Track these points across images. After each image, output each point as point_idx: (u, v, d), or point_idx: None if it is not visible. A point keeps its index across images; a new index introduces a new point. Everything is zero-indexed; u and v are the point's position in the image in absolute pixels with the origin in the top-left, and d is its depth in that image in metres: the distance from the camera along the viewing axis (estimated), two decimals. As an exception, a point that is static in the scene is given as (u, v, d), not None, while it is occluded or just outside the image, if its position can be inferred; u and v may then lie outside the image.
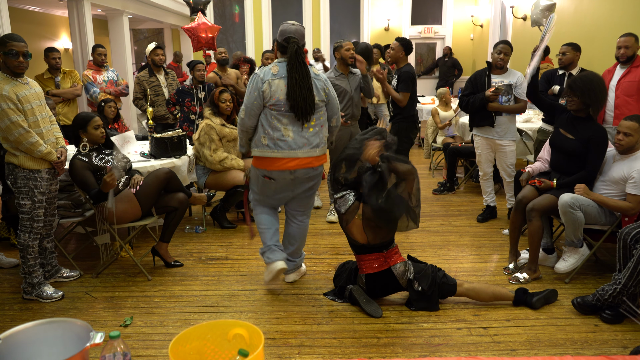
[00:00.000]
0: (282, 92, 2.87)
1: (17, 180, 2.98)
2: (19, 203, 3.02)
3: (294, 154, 2.94)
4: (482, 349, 2.56)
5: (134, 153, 4.24)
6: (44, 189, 3.05)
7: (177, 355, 1.48)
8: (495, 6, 9.62)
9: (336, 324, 2.82)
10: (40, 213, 3.07)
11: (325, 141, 3.08)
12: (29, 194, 3.00)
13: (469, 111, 4.33)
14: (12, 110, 2.84)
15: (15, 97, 2.85)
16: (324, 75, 3.07)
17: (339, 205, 2.93)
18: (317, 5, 11.99)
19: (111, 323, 2.86)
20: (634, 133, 3.05)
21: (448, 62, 10.85)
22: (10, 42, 2.86)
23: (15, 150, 2.94)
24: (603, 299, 2.78)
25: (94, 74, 5.50)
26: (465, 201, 5.21)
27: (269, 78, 2.89)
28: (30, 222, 3.05)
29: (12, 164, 2.98)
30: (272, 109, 2.91)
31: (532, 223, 3.26)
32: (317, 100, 2.95)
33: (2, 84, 2.85)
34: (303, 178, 3.04)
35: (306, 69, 2.88)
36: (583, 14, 6.14)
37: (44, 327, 1.57)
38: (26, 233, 3.05)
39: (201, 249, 3.97)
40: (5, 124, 2.85)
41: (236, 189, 4.31)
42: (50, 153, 2.99)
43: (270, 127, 2.93)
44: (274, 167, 2.96)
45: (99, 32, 9.02)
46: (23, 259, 3.10)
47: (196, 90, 5.25)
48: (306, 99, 2.86)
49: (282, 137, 2.92)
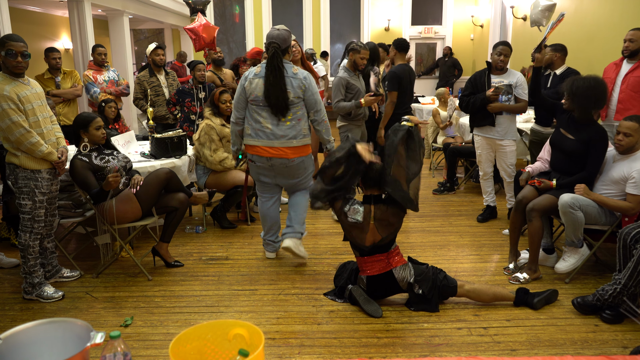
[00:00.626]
0: (260, 89, 3.28)
1: (18, 180, 2.98)
2: (19, 203, 3.02)
3: (270, 144, 3.36)
4: (482, 349, 2.56)
5: (134, 153, 4.24)
6: (45, 189, 3.05)
7: (177, 355, 1.48)
8: (495, 6, 9.62)
9: (336, 324, 2.82)
10: (41, 213, 3.07)
11: (304, 134, 3.39)
12: (30, 194, 3.00)
13: (469, 111, 4.34)
14: (13, 110, 2.84)
15: (16, 97, 2.86)
16: (304, 73, 3.34)
17: (352, 216, 2.91)
18: (317, 5, 11.98)
19: (111, 323, 2.86)
20: (634, 133, 3.05)
21: (448, 62, 10.84)
22: (8, 42, 2.86)
23: (16, 151, 2.94)
24: (603, 299, 2.78)
25: (95, 74, 5.50)
26: (465, 201, 5.21)
27: (250, 77, 3.34)
28: (31, 222, 3.05)
29: (13, 164, 2.98)
30: (252, 104, 3.36)
31: (532, 223, 3.26)
32: (292, 97, 3.29)
33: (3, 84, 2.86)
34: (280, 167, 3.42)
35: (280, 71, 3.23)
36: (583, 14, 6.14)
37: (44, 327, 1.57)
38: (27, 233, 3.06)
39: (201, 249, 3.98)
40: (6, 124, 2.85)
41: (236, 189, 4.31)
42: (51, 153, 3.00)
43: (252, 119, 3.38)
44: (253, 151, 3.42)
45: (99, 32, 9.02)
46: (24, 259, 3.10)
47: (196, 90, 5.25)
48: (279, 97, 3.24)
49: (261, 128, 3.35)
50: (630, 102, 3.80)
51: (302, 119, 3.37)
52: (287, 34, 3.31)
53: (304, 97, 3.32)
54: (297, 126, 3.34)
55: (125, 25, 8.43)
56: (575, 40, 6.12)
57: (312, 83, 3.36)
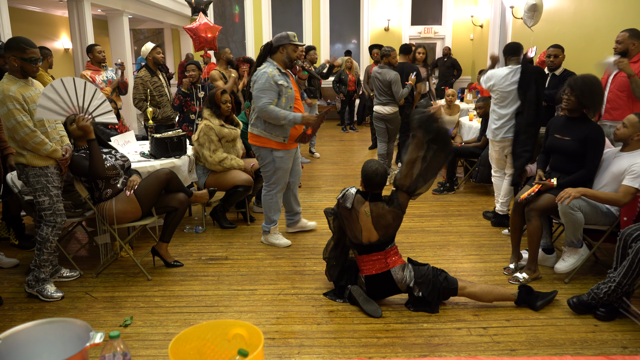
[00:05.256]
0: None
1: (29, 178, 3.03)
2: (37, 202, 3.07)
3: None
4: (482, 349, 2.56)
5: (134, 153, 4.24)
6: (57, 183, 3.10)
7: (177, 355, 1.48)
8: (495, 6, 9.62)
9: (336, 324, 2.82)
10: (61, 207, 3.12)
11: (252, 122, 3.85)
12: (45, 190, 3.05)
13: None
14: (18, 110, 2.90)
15: (21, 98, 2.92)
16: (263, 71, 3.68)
17: (345, 201, 3.00)
18: (317, 5, 11.98)
19: (111, 323, 2.86)
20: (629, 126, 3.11)
21: (447, 62, 10.84)
22: (29, 49, 2.95)
23: (22, 150, 2.99)
24: (598, 298, 2.79)
25: (93, 74, 5.49)
26: (465, 201, 5.21)
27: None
28: (53, 217, 3.09)
29: (22, 164, 3.03)
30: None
31: (531, 223, 3.26)
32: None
33: (9, 84, 2.92)
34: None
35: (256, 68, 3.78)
36: (583, 14, 6.14)
37: (43, 327, 1.57)
38: (50, 227, 3.09)
39: (201, 249, 3.97)
40: (11, 124, 2.91)
41: (236, 189, 4.31)
42: (55, 151, 3.05)
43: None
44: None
45: (99, 32, 9.03)
46: (38, 251, 3.12)
47: (195, 90, 5.25)
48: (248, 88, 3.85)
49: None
50: (617, 102, 3.85)
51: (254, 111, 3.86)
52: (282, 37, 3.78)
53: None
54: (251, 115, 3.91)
55: (125, 25, 8.44)
56: (575, 41, 6.13)
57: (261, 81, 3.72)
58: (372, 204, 2.95)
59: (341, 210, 3.05)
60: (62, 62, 10.28)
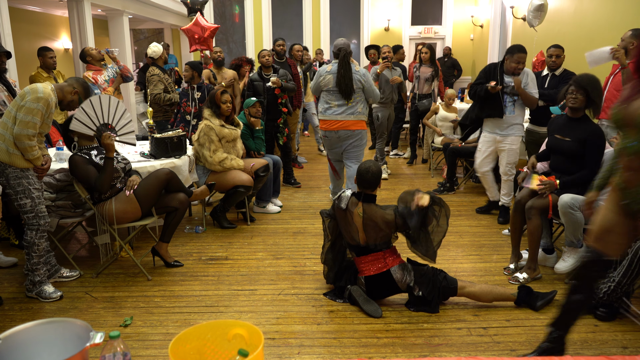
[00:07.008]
0: (331, 81, 4.51)
1: (10, 180, 3.00)
2: (19, 204, 3.03)
3: (336, 118, 4.55)
4: (482, 349, 2.56)
5: (134, 153, 4.24)
6: (37, 185, 3.08)
7: (177, 355, 1.48)
8: (495, 6, 9.62)
9: (336, 324, 2.82)
10: (43, 209, 3.09)
11: (360, 112, 4.55)
12: (26, 192, 3.02)
13: (476, 100, 4.33)
14: (42, 114, 2.98)
15: (53, 106, 3.03)
16: (363, 70, 4.57)
17: (340, 202, 3.03)
18: (317, 5, 11.98)
19: (111, 323, 2.86)
20: None
21: (447, 62, 10.84)
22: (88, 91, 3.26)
23: (10, 147, 2.96)
24: (597, 297, 2.78)
25: (95, 75, 5.49)
26: (465, 201, 5.21)
27: (324, 73, 4.56)
28: (36, 220, 3.07)
29: (4, 163, 2.98)
30: (325, 91, 4.60)
31: (532, 221, 3.26)
32: (355, 87, 4.48)
33: (51, 93, 3.03)
34: (344, 137, 4.57)
35: (349, 66, 4.45)
36: (583, 14, 6.14)
37: (43, 327, 1.57)
38: (33, 231, 3.08)
39: (201, 249, 3.97)
40: (27, 120, 2.93)
41: (236, 189, 4.31)
42: (39, 158, 3.06)
43: (325, 102, 4.60)
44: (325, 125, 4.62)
45: (99, 32, 9.02)
46: (27, 256, 3.11)
47: (192, 90, 5.26)
48: (347, 85, 4.44)
49: (330, 107, 4.56)
50: (613, 101, 3.87)
51: (360, 102, 4.55)
52: (349, 42, 4.57)
53: (362, 86, 4.52)
54: (356, 107, 4.53)
55: (125, 25, 8.43)
56: (575, 41, 6.12)
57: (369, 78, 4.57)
58: (365, 204, 2.95)
59: (336, 211, 3.05)
60: (62, 62, 10.28)
